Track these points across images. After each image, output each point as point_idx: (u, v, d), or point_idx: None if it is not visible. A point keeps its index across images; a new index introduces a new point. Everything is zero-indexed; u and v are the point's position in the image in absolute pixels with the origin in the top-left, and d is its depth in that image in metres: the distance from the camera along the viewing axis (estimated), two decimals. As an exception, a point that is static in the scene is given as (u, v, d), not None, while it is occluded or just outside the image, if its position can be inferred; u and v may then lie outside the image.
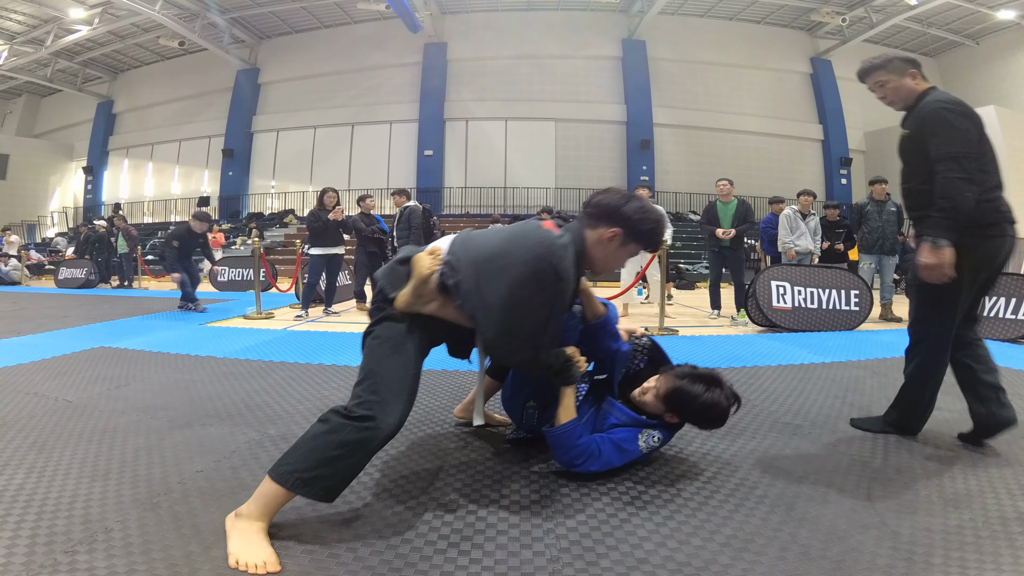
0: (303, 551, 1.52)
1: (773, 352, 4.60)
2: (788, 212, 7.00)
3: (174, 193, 21.77)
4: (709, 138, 19.22)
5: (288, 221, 18.42)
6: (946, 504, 1.84)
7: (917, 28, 18.44)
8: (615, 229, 1.84)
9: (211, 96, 20.87)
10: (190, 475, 1.98)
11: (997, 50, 18.83)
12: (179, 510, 1.71)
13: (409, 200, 7.53)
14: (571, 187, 18.55)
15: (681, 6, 18.60)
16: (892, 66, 2.38)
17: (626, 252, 1.89)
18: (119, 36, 19.49)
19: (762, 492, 1.93)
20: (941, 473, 2.10)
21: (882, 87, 2.41)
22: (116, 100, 22.77)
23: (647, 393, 2.07)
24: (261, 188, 20.81)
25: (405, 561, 1.49)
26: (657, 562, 1.49)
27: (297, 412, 2.77)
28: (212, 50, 19.17)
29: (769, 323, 5.89)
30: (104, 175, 22.76)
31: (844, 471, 2.11)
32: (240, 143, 20.42)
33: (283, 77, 20.58)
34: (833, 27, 18.44)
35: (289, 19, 19.84)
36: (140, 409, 2.78)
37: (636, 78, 18.98)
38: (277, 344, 4.76)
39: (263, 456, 2.18)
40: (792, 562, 1.49)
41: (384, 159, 19.65)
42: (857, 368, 3.93)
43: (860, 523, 1.71)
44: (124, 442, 2.31)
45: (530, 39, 19.05)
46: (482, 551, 1.55)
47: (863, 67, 2.46)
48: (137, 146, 22.43)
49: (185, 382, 3.37)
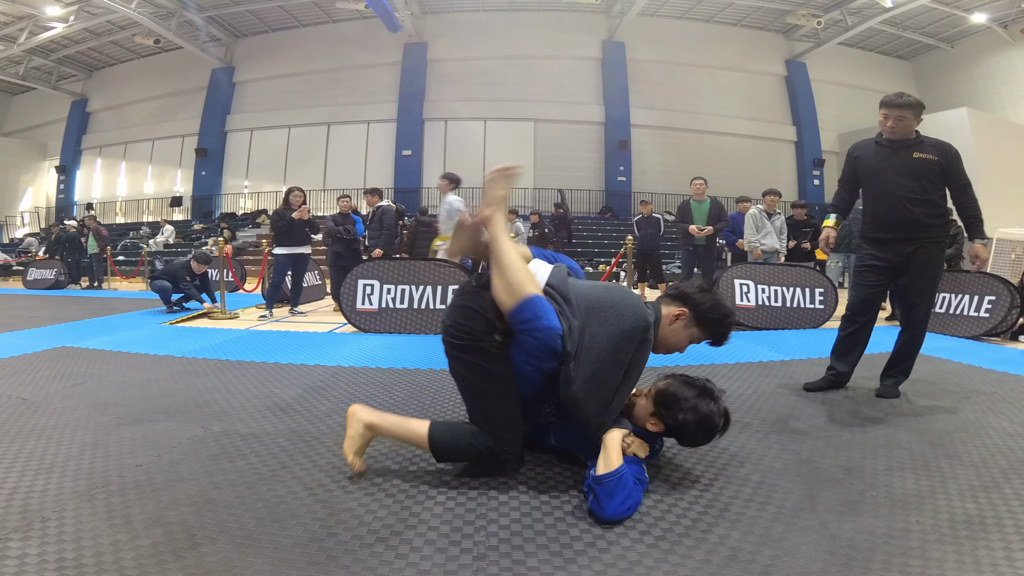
0: (227, 540, 1.54)
1: (734, 350, 4.63)
2: (754, 211, 7.06)
3: (147, 193, 21.43)
4: (686, 139, 19.35)
5: (261, 221, 18.22)
6: (893, 506, 1.79)
7: (892, 31, 18.75)
8: (683, 309, 2.03)
9: (186, 95, 20.57)
10: (130, 469, 2.03)
11: (970, 53, 19.19)
12: (114, 502, 1.75)
13: (383, 200, 7.49)
14: (550, 187, 18.57)
15: (660, 8, 18.70)
16: (917, 111, 3.02)
17: (688, 335, 2.07)
18: (95, 33, 19.14)
19: (698, 492, 1.90)
20: (891, 473, 2.06)
21: (900, 121, 3.01)
22: (91, 98, 22.35)
23: (639, 395, 2.06)
24: (234, 188, 20.55)
25: (328, 555, 1.49)
26: (584, 563, 1.47)
27: (243, 409, 2.79)
28: (188, 48, 18.91)
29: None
30: (77, 174, 22.34)
31: (788, 471, 2.09)
32: (214, 142, 20.15)
33: (259, 76, 20.35)
34: (809, 30, 18.67)
35: (266, 18, 19.63)
36: (92, 406, 2.81)
37: (615, 79, 19.05)
38: (236, 344, 4.74)
39: (203, 451, 2.21)
40: (718, 566, 1.45)
41: (361, 159, 19.51)
42: (817, 365, 3.94)
43: (798, 525, 1.66)
44: (72, 438, 2.35)
45: (511, 39, 19.02)
46: (409, 546, 1.54)
47: (903, 101, 2.99)
48: (110, 145, 22.04)
49: (140, 380, 3.39)
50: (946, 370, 3.93)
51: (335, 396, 3.02)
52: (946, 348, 4.80)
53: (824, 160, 19.72)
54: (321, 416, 2.69)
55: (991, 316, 5.47)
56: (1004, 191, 16.28)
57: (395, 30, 17.37)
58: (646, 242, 8.61)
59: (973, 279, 5.76)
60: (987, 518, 1.72)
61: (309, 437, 2.39)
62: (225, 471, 2.01)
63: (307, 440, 2.35)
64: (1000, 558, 1.49)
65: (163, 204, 20.68)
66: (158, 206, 20.78)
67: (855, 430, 2.55)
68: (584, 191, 18.96)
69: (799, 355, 4.37)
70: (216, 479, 1.94)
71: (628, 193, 18.65)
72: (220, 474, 1.98)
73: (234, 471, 2.01)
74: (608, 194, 18.87)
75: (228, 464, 2.08)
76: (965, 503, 1.82)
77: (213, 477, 1.96)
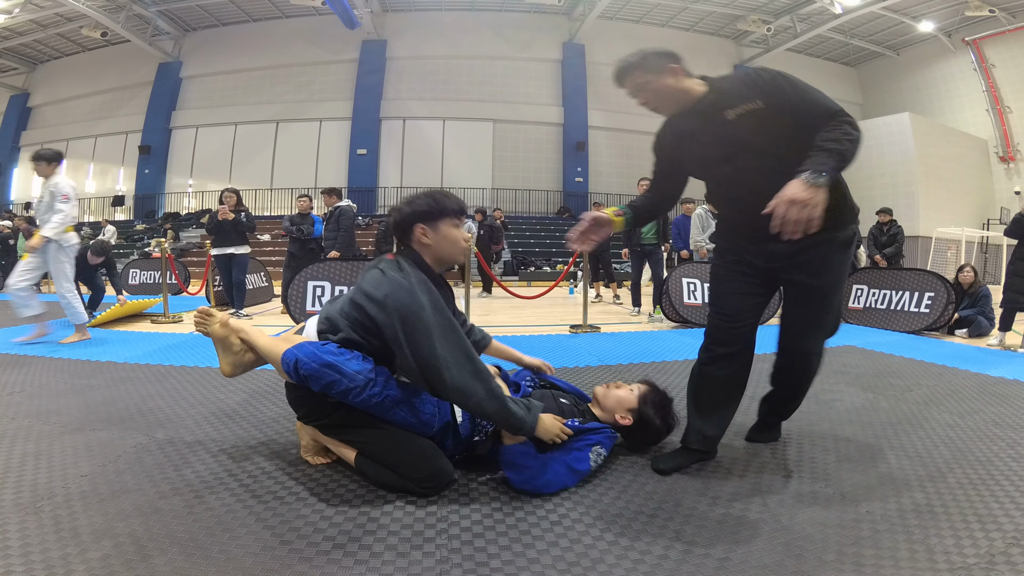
0: (177, 551, 1.50)
1: (683, 347, 4.74)
2: (700, 212, 7.19)
3: (88, 192, 20.50)
4: (640, 141, 19.66)
5: (204, 221, 17.72)
6: (843, 498, 1.83)
7: (840, 39, 19.44)
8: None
9: (130, 90, 19.89)
10: (75, 479, 1.95)
11: (915, 61, 20.09)
12: (60, 513, 1.70)
13: (341, 200, 7.34)
14: (508, 188, 18.64)
15: (619, 11, 18.98)
16: (649, 64, 1.98)
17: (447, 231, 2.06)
18: (41, 25, 18.30)
19: (652, 488, 1.92)
20: (840, 465, 2.11)
21: (642, 90, 2.02)
22: (33, 93, 21.38)
23: (619, 387, 2.23)
24: (178, 187, 19.94)
25: (281, 563, 1.45)
26: (548, 562, 1.47)
27: (188, 416, 2.70)
28: (135, 42, 18.32)
29: (681, 319, 6.05)
30: (14, 172, 21.29)
31: (738, 465, 2.12)
32: (158, 139, 19.53)
33: (207, 71, 19.81)
34: (758, 36, 19.20)
35: (216, 12, 19.12)
36: (32, 415, 2.69)
37: (574, 81, 19.29)
38: (179, 348, 4.57)
39: (148, 460, 2.13)
40: (675, 560, 1.48)
41: (312, 158, 19.19)
42: (762, 362, 3.95)
43: (750, 518, 1.69)
44: (11, 448, 2.25)
45: (472, 39, 19.04)
46: (369, 551, 1.51)
47: (618, 69, 2.06)
48: (51, 142, 20.95)
49: (81, 387, 3.24)
50: (888, 364, 4.09)
51: (282, 401, 2.91)
52: (888, 343, 5.01)
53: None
54: (268, 422, 2.60)
55: (931, 311, 5.72)
56: (943, 194, 17.10)
57: (353, 27, 17.14)
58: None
59: (914, 277, 6.02)
60: (935, 507, 1.78)
61: (256, 444, 2.32)
62: (171, 480, 1.95)
63: (254, 447, 2.28)
64: (950, 545, 1.55)
65: (105, 204, 19.89)
66: (99, 205, 19.98)
67: (801, 425, 2.60)
68: (542, 191, 19.09)
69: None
70: (162, 488, 1.88)
71: (585, 194, 18.87)
72: (166, 483, 1.92)
73: (180, 480, 1.95)
74: (566, 194, 19.05)
75: (174, 473, 2.02)
76: (913, 493, 1.88)
77: (159, 486, 1.90)
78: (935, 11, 17.47)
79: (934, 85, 19.75)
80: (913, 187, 16.65)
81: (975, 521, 1.68)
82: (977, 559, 1.48)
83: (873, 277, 6.47)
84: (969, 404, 2.99)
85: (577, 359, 4.17)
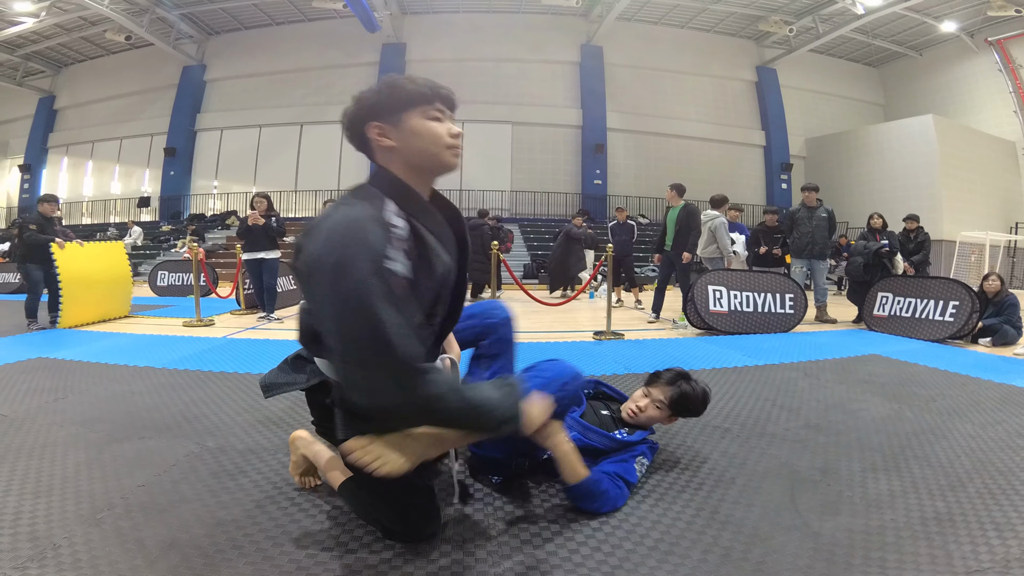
0: (245, 562, 1.53)
1: (709, 355, 4.76)
2: (721, 220, 7.17)
3: (114, 193, 20.96)
4: (657, 143, 19.66)
5: (231, 223, 17.97)
6: (868, 505, 1.91)
7: (862, 39, 19.26)
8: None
9: (155, 93, 20.21)
10: (131, 489, 1.95)
11: (938, 61, 19.81)
12: (122, 525, 1.71)
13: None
14: (526, 190, 18.70)
15: (637, 12, 18.93)
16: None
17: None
18: (65, 29, 18.69)
19: (689, 496, 1.98)
20: (865, 474, 2.17)
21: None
22: (58, 95, 21.78)
23: (645, 408, 2.18)
24: (203, 188, 20.23)
25: (350, 570, 1.50)
26: (592, 565, 1.54)
27: (235, 424, 2.73)
28: (159, 45, 18.59)
29: (707, 326, 6.08)
30: (43, 173, 21.72)
31: (770, 473, 2.18)
32: (183, 142, 19.83)
33: (230, 74, 20.08)
34: (780, 37, 19.07)
35: (240, 15, 19.39)
36: (78, 422, 2.71)
37: (592, 83, 19.26)
38: (215, 353, 4.65)
39: (202, 469, 2.15)
40: (714, 564, 1.54)
41: (335, 160, 19.33)
42: (790, 370, 4.09)
43: (783, 525, 1.76)
44: (64, 456, 2.26)
45: (490, 42, 19.10)
46: (427, 559, 1.59)
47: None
48: (77, 143, 21.49)
49: (123, 394, 3.28)
50: (913, 373, 4.10)
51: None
52: (912, 351, 5.01)
53: (792, 164, 20.17)
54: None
55: (955, 320, 5.71)
56: (966, 196, 16.86)
57: (373, 30, 17.31)
58: (619, 248, 8.78)
59: (938, 285, 6.00)
60: (955, 515, 1.84)
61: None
62: (229, 489, 1.97)
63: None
64: (968, 551, 1.62)
65: (130, 205, 20.27)
66: (125, 206, 20.36)
67: (829, 434, 2.66)
68: (561, 194, 19.11)
69: (772, 360, 4.50)
70: (222, 498, 1.90)
71: (604, 196, 18.87)
72: (225, 493, 1.94)
73: (238, 489, 1.97)
74: (584, 197, 19.06)
75: (231, 482, 2.03)
76: (934, 501, 1.94)
77: (218, 496, 1.91)
78: (957, 11, 17.25)
79: (956, 86, 19.48)
80: (936, 190, 16.45)
81: (992, 528, 1.75)
82: (992, 564, 1.56)
83: (898, 285, 6.45)
84: (992, 415, 3.02)
85: (604, 367, 4.20)
